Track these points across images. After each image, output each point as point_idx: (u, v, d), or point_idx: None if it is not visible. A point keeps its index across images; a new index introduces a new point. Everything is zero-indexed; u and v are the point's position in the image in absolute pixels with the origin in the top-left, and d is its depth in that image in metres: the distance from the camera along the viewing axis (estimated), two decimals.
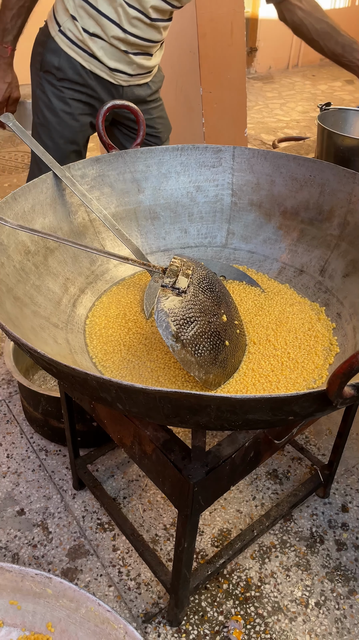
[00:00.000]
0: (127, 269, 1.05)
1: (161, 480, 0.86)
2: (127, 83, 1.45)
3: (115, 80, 1.42)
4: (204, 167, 1.10)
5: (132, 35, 1.32)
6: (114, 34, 1.31)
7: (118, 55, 1.37)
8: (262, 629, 1.09)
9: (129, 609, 1.12)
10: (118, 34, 1.31)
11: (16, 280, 0.82)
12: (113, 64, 1.38)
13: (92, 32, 1.33)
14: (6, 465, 1.42)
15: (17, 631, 0.80)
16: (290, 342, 0.89)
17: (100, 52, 1.36)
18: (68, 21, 1.34)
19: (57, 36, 1.38)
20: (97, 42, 1.34)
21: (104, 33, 1.32)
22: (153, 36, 1.36)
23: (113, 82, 1.43)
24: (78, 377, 0.56)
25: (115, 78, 1.42)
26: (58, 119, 1.45)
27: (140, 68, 1.43)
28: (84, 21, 1.32)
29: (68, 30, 1.35)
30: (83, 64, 1.38)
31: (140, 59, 1.40)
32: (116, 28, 1.30)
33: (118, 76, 1.42)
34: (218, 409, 0.55)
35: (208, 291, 0.83)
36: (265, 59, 5.64)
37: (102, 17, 1.29)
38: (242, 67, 2.24)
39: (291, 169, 1.04)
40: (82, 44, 1.36)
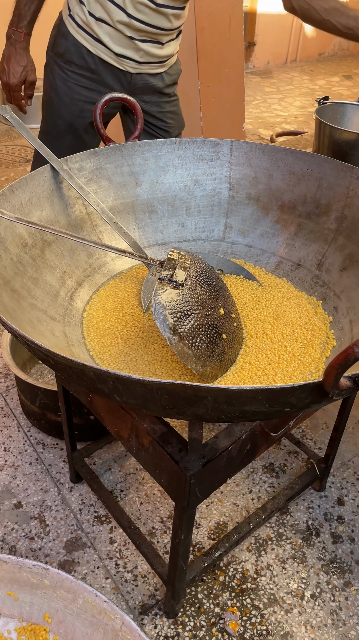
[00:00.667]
0: (124, 263, 1.06)
1: (158, 472, 0.86)
2: (136, 70, 1.43)
3: (123, 67, 1.41)
4: (202, 160, 1.10)
5: (137, 20, 1.31)
6: (119, 19, 1.31)
7: (124, 42, 1.36)
8: (258, 621, 1.10)
9: (126, 601, 1.13)
10: (123, 18, 1.30)
11: (13, 273, 0.82)
12: (119, 50, 1.37)
13: (98, 16, 1.32)
14: (3, 458, 1.42)
15: (14, 622, 0.81)
16: (287, 336, 0.89)
17: (106, 37, 1.35)
18: (77, 6, 1.35)
19: (67, 20, 1.39)
20: (103, 27, 1.34)
21: (110, 18, 1.31)
22: (160, 23, 1.34)
23: (121, 68, 1.41)
24: (75, 368, 0.57)
25: (122, 64, 1.40)
26: (58, 100, 1.46)
27: (149, 56, 1.41)
28: (91, 5, 1.32)
29: (76, 15, 1.36)
30: (89, 48, 1.38)
31: (148, 46, 1.38)
32: (121, 12, 1.30)
33: (125, 62, 1.40)
34: (215, 400, 0.55)
35: (206, 284, 0.83)
36: (263, 53, 5.62)
37: (107, 2, 1.29)
38: (240, 62, 2.23)
39: (289, 163, 1.04)
40: (88, 28, 1.35)
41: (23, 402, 1.49)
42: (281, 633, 1.08)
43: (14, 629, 0.80)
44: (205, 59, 2.07)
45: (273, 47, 5.66)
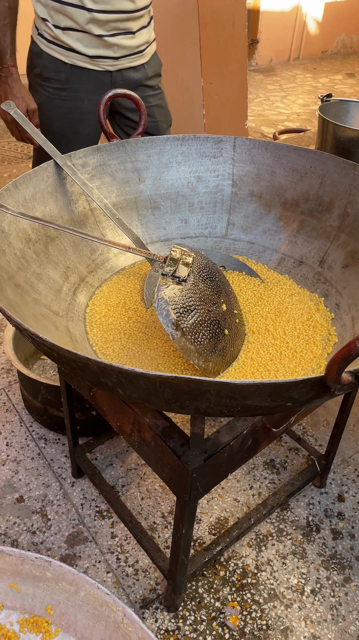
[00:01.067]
0: (127, 258, 1.06)
1: (160, 467, 0.87)
2: (115, 67, 1.42)
3: (101, 67, 1.41)
4: (205, 157, 1.10)
5: (99, 11, 1.30)
6: (83, 19, 1.30)
7: (95, 42, 1.36)
8: (258, 615, 1.11)
9: (127, 595, 1.13)
10: (86, 16, 1.30)
11: (17, 268, 0.83)
12: (92, 52, 1.37)
13: (63, 26, 1.33)
14: (5, 453, 1.43)
15: (16, 614, 0.81)
16: (289, 332, 0.90)
17: (77, 43, 1.35)
18: (42, 24, 1.36)
19: (37, 39, 1.40)
20: (71, 34, 1.33)
21: (74, 22, 1.31)
22: (122, 5, 1.32)
23: (99, 69, 1.41)
24: (79, 362, 0.57)
25: (99, 65, 1.40)
26: (46, 118, 1.46)
27: (123, 49, 1.40)
28: (54, 18, 1.32)
29: (44, 32, 1.37)
30: (63, 59, 1.38)
31: (119, 39, 1.37)
32: (82, 11, 1.29)
33: (102, 62, 1.40)
34: (218, 394, 0.55)
35: (208, 280, 0.84)
36: (266, 51, 5.61)
37: (66, 7, 1.29)
38: (243, 59, 2.23)
39: (291, 160, 1.05)
40: (58, 40, 1.35)
41: (25, 397, 1.49)
42: (281, 628, 1.09)
43: (17, 621, 0.80)
44: (209, 56, 2.07)
45: (276, 44, 5.65)
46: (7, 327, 1.48)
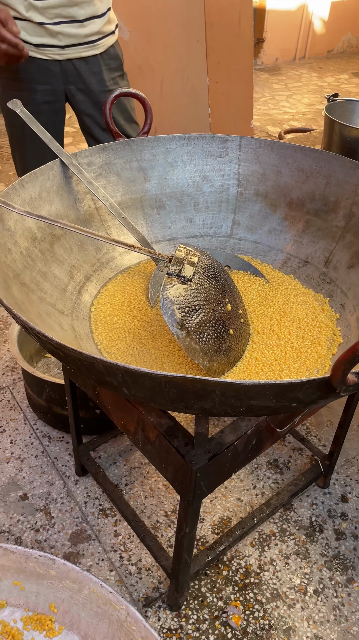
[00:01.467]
0: (132, 258, 1.06)
1: (164, 466, 0.87)
2: (63, 57, 1.40)
3: (48, 56, 1.39)
4: (210, 156, 1.10)
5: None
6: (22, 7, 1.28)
7: (38, 30, 1.34)
8: (261, 615, 1.11)
9: (130, 593, 1.14)
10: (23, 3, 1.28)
11: (23, 266, 0.83)
12: (37, 40, 1.35)
13: None
14: (9, 451, 1.43)
15: (20, 611, 0.82)
16: (294, 332, 0.90)
17: (22, 32, 1.33)
18: None
19: None
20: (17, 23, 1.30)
21: (16, 12, 1.29)
22: None
23: (46, 58, 1.39)
24: (85, 361, 0.57)
25: (46, 54, 1.38)
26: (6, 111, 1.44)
27: (70, 38, 1.37)
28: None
29: None
30: None
31: (64, 27, 1.34)
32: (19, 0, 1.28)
33: (48, 51, 1.38)
34: (223, 394, 0.55)
35: (213, 280, 0.84)
36: (271, 50, 5.60)
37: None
38: (249, 58, 2.23)
39: (297, 160, 1.04)
40: None
41: (29, 395, 1.50)
42: (284, 628, 1.09)
43: (20, 619, 0.81)
44: (214, 55, 2.07)
45: (281, 43, 5.64)
46: (12, 326, 1.49)
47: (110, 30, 1.47)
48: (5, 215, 0.83)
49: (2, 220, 0.82)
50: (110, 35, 1.47)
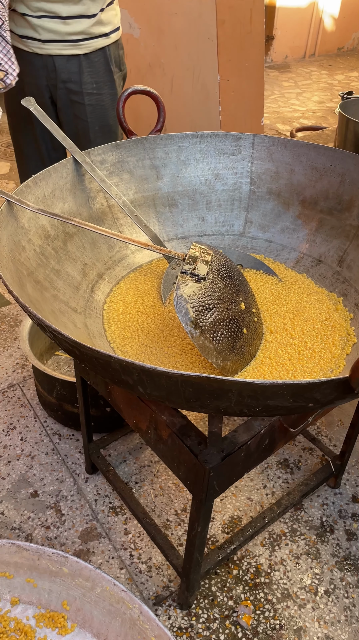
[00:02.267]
0: (144, 256, 1.06)
1: (176, 465, 0.87)
2: (43, 51, 1.38)
3: (29, 49, 1.38)
4: (223, 154, 1.10)
5: None
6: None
7: (22, 21, 1.33)
8: (271, 615, 1.10)
9: (140, 592, 1.14)
10: None
11: (36, 264, 0.83)
12: (21, 31, 1.35)
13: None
14: (20, 448, 1.44)
15: (32, 608, 0.82)
16: (307, 332, 0.89)
17: (11, 23, 1.33)
18: None
19: None
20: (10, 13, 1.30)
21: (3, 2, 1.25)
22: None
23: (29, 50, 1.38)
24: (101, 359, 0.57)
25: (28, 46, 1.37)
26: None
27: (50, 33, 1.34)
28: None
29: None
30: None
31: (45, 22, 1.32)
32: None
33: (30, 43, 1.37)
34: (240, 394, 0.55)
35: (227, 279, 0.83)
36: (281, 47, 5.57)
37: None
38: (260, 55, 2.21)
39: (311, 158, 1.04)
40: None
41: (40, 392, 1.50)
42: (295, 628, 1.09)
43: (33, 616, 0.81)
44: (226, 53, 2.06)
45: (291, 41, 5.61)
46: (23, 323, 1.49)
47: (101, 32, 1.42)
48: (20, 213, 0.83)
49: (17, 218, 0.82)
50: (101, 37, 1.42)
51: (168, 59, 2.25)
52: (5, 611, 0.81)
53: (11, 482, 1.35)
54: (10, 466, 1.39)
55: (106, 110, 1.53)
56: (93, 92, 1.49)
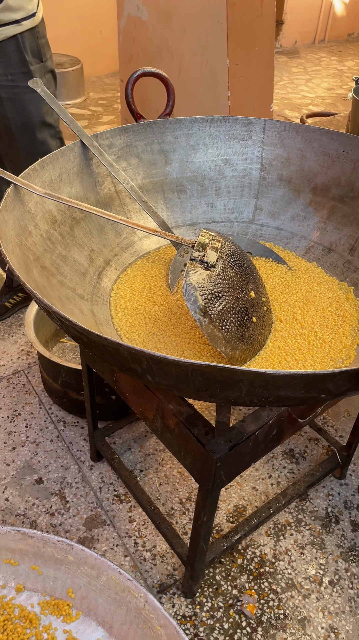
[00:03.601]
0: (152, 242, 1.04)
1: (183, 454, 0.86)
2: None
3: None
4: (233, 139, 1.07)
5: None
6: None
7: None
8: (276, 604, 1.10)
9: (144, 579, 1.14)
10: None
11: (43, 250, 0.82)
12: None
13: None
14: (25, 434, 1.43)
15: (37, 596, 0.82)
16: (317, 321, 0.88)
17: None
18: None
19: None
20: None
21: None
22: None
23: None
24: (109, 347, 0.56)
25: None
26: None
27: None
28: None
29: None
30: None
31: None
32: None
33: None
34: (251, 384, 0.54)
35: (237, 266, 0.82)
36: (291, 32, 5.48)
37: None
38: (271, 40, 2.17)
39: (323, 144, 1.01)
40: None
41: (45, 379, 1.49)
42: (299, 618, 1.08)
43: (38, 603, 0.81)
44: (235, 37, 2.02)
45: (301, 26, 5.51)
46: (28, 310, 1.48)
47: (11, 19, 1.31)
48: (26, 197, 0.82)
49: (23, 202, 0.80)
50: (11, 25, 1.32)
51: (177, 43, 2.21)
52: (10, 598, 0.81)
53: (16, 469, 1.34)
54: (14, 453, 1.38)
55: (26, 105, 1.40)
56: (8, 84, 1.37)
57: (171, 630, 0.69)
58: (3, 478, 1.32)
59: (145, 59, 2.39)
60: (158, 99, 2.18)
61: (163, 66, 2.32)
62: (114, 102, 3.74)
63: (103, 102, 3.74)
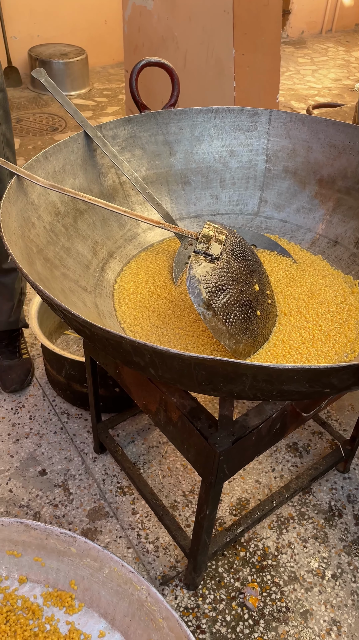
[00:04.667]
0: (155, 235, 1.04)
1: (186, 447, 0.86)
2: None
3: None
4: (238, 130, 1.06)
5: None
6: None
7: None
8: (278, 597, 1.10)
9: (147, 571, 1.14)
10: None
11: (46, 241, 0.81)
12: None
13: None
14: (29, 426, 1.44)
15: (40, 587, 0.82)
16: (322, 315, 0.87)
17: None
18: None
19: None
20: None
21: None
22: None
23: None
24: (112, 340, 0.56)
25: None
26: None
27: None
28: None
29: None
30: None
31: None
32: None
33: None
34: (254, 378, 0.53)
35: (241, 259, 0.81)
36: (297, 22, 5.42)
37: None
38: (277, 30, 2.14)
39: (329, 135, 1.00)
40: None
41: (49, 371, 1.49)
42: (301, 611, 1.09)
43: (40, 594, 0.81)
44: (241, 26, 2.00)
45: (308, 16, 5.45)
46: (32, 302, 1.48)
47: None
48: (29, 189, 0.81)
49: (26, 194, 0.80)
50: None
51: (182, 33, 2.19)
52: (13, 589, 0.81)
53: (19, 460, 1.35)
54: (18, 444, 1.39)
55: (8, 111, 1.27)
56: None
57: (173, 623, 0.69)
58: (7, 469, 1.32)
59: (150, 49, 2.37)
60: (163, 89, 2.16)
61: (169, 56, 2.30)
62: (119, 92, 3.71)
63: (108, 92, 3.72)
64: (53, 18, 3.66)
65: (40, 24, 3.65)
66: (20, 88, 3.65)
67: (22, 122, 3.21)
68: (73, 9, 3.74)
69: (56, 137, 3.05)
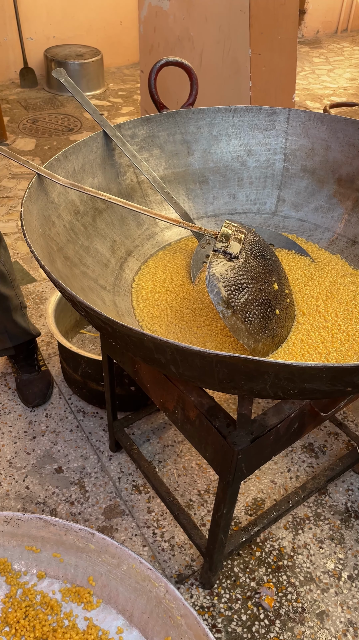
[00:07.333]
0: (173, 234, 1.04)
1: (203, 446, 0.86)
2: None
3: None
4: (257, 130, 1.06)
5: None
6: None
7: None
8: (294, 598, 1.10)
9: (163, 570, 1.14)
10: None
11: (66, 240, 0.82)
12: None
13: None
14: (45, 424, 1.45)
15: (59, 583, 0.83)
16: (341, 314, 0.86)
17: None
18: None
19: None
20: None
21: None
22: None
23: None
24: (134, 337, 0.56)
25: None
26: None
27: None
28: None
29: None
30: None
31: None
32: None
33: None
34: (276, 376, 0.53)
35: (260, 258, 0.81)
36: (313, 22, 5.39)
37: None
38: (294, 29, 2.14)
39: (349, 134, 1.00)
40: None
41: (65, 370, 1.50)
42: (317, 612, 1.08)
43: (59, 590, 0.82)
44: (258, 25, 1.99)
45: (323, 15, 5.42)
46: (49, 300, 1.49)
47: None
48: (50, 188, 0.82)
49: (47, 193, 0.81)
50: None
51: (198, 32, 2.19)
52: (31, 585, 0.82)
53: (36, 458, 1.36)
54: (35, 442, 1.40)
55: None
56: None
57: (191, 620, 0.69)
58: (24, 467, 1.34)
59: (166, 49, 2.38)
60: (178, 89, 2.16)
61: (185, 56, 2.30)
62: (134, 93, 3.72)
63: (123, 93, 3.73)
64: (69, 19, 3.68)
65: (56, 25, 3.67)
66: (36, 89, 3.68)
67: (38, 123, 3.23)
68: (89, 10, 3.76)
69: (71, 138, 3.07)
